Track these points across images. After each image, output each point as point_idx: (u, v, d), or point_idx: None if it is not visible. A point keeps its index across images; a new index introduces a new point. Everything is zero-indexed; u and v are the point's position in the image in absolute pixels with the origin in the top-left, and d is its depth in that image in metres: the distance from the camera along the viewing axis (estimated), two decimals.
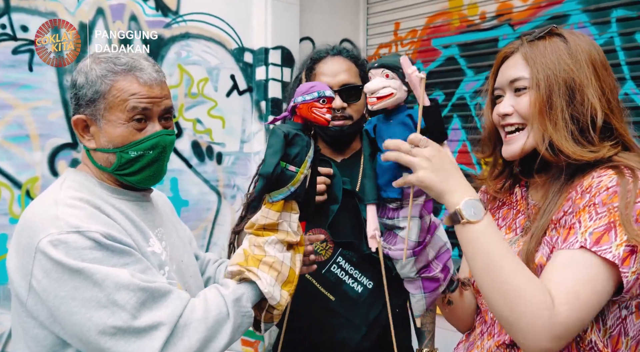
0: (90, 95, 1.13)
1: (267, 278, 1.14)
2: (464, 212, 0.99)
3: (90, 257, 1.01)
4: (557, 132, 1.06)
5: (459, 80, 3.34)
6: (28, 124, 2.41)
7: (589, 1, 2.87)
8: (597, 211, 0.98)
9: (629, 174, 1.01)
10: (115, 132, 1.14)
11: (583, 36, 1.14)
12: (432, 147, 1.04)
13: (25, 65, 2.39)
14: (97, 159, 1.18)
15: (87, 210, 1.08)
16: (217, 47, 3.05)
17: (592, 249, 0.94)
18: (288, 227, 1.20)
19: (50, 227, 1.03)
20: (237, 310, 1.11)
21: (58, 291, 1.01)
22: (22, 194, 2.39)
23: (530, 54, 1.12)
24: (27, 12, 2.40)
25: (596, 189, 1.01)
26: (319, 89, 1.21)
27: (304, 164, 1.19)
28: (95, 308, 1.00)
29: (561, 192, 1.09)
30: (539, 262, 1.06)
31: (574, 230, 0.99)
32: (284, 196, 1.19)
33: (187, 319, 1.05)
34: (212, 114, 3.04)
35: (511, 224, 1.22)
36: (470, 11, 3.29)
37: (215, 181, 3.06)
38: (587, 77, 1.08)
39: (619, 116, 1.10)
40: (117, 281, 1.00)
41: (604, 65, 1.11)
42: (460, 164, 3.33)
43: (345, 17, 3.69)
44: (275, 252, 1.18)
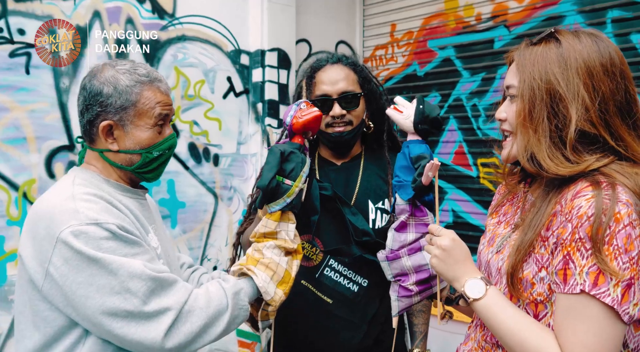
0: (120, 103, 1.26)
1: (263, 275, 1.29)
2: (468, 293, 1.12)
3: (107, 247, 1.13)
4: (538, 145, 1.05)
5: (455, 81, 3.35)
6: (25, 126, 2.43)
7: (584, 2, 2.88)
8: (585, 247, 0.96)
9: (607, 195, 0.96)
10: (143, 136, 1.28)
11: (589, 37, 1.07)
12: (445, 237, 1.18)
13: (22, 68, 2.41)
14: (117, 159, 1.30)
15: (102, 204, 1.20)
16: (213, 49, 3.06)
17: (591, 293, 0.95)
18: (285, 236, 1.36)
19: (71, 219, 1.14)
20: (235, 302, 1.25)
21: (76, 276, 1.12)
22: (19, 196, 2.41)
23: (522, 61, 1.09)
24: (24, 15, 2.42)
25: (577, 218, 0.97)
26: (294, 104, 1.40)
27: (299, 178, 1.33)
28: (109, 294, 1.12)
29: (549, 202, 1.07)
30: (526, 277, 1.06)
31: (570, 271, 0.98)
32: (280, 207, 1.34)
33: (191, 306, 1.18)
34: (208, 116, 3.06)
35: (510, 220, 1.22)
36: (466, 12, 3.30)
37: (212, 182, 3.07)
38: (573, 87, 1.03)
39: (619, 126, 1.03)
40: (131, 271, 1.13)
41: (608, 70, 1.04)
42: (457, 165, 3.34)
43: (342, 18, 3.70)
44: (272, 255, 1.33)
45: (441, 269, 1.17)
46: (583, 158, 1.03)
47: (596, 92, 1.03)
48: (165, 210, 2.88)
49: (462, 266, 1.15)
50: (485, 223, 1.34)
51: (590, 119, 1.02)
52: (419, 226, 1.33)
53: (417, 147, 1.33)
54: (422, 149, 1.33)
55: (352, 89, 1.64)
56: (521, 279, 1.06)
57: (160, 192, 2.86)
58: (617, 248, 0.94)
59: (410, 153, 1.33)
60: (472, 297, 1.11)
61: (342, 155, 1.73)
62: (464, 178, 3.30)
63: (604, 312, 0.95)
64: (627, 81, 1.06)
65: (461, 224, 3.31)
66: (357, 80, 1.67)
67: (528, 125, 1.06)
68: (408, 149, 1.34)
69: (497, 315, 1.07)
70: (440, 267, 1.17)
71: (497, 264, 1.15)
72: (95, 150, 1.30)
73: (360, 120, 1.67)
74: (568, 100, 1.02)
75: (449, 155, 3.38)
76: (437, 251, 1.18)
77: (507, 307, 1.08)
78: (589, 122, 1.02)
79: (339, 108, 1.61)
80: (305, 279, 1.62)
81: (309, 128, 1.40)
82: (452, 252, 1.16)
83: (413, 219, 1.33)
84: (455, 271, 1.15)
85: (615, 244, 0.94)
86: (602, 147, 1.04)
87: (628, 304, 0.94)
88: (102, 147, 1.29)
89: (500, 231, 1.22)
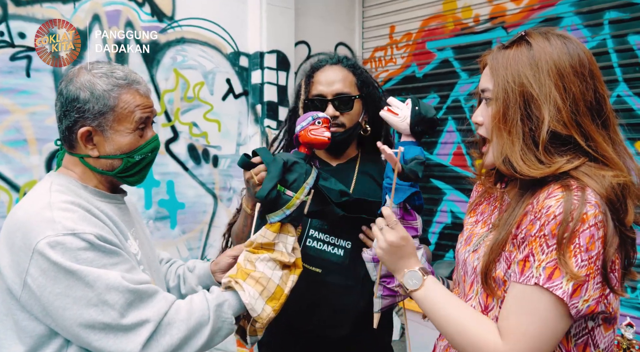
0: (98, 108, 1.22)
1: (251, 291, 1.24)
2: (405, 284, 1.18)
3: (84, 257, 1.10)
4: (511, 147, 1.06)
5: (454, 82, 3.36)
6: (25, 128, 2.46)
7: (581, 4, 2.88)
8: (547, 243, 0.99)
9: (577, 197, 0.98)
10: (124, 141, 1.24)
11: (558, 39, 1.08)
12: (396, 231, 1.22)
13: (22, 71, 2.44)
14: (98, 165, 1.26)
15: (80, 213, 1.16)
16: (212, 52, 3.08)
17: (544, 286, 0.98)
18: (283, 248, 1.30)
19: (47, 230, 1.10)
20: (217, 315, 1.20)
21: (53, 288, 1.09)
22: (20, 198, 2.44)
23: (495, 65, 1.10)
24: (25, 19, 2.45)
25: (545, 217, 0.99)
26: (312, 114, 1.33)
27: (301, 190, 1.28)
28: (86, 306, 1.09)
29: (522, 203, 1.08)
30: (498, 275, 1.08)
31: (529, 263, 1.01)
32: (279, 218, 1.28)
33: (172, 318, 1.15)
34: (208, 118, 3.08)
35: (487, 220, 1.24)
36: (464, 14, 3.31)
37: (212, 183, 3.10)
38: (545, 88, 1.04)
39: (589, 127, 1.05)
40: (108, 283, 1.10)
41: (578, 71, 1.05)
42: (455, 166, 3.35)
43: (341, 21, 3.72)
44: (264, 269, 1.28)
45: (385, 260, 1.23)
46: (554, 160, 1.04)
47: (567, 93, 1.04)
48: (165, 211, 2.91)
49: (406, 261, 1.21)
50: (464, 221, 1.35)
51: (562, 119, 1.03)
52: (408, 229, 1.33)
53: (412, 149, 1.32)
54: (417, 151, 1.32)
55: (347, 91, 1.63)
56: (494, 278, 1.08)
57: (159, 193, 2.89)
58: (579, 246, 0.96)
59: (404, 155, 1.32)
60: (410, 288, 1.16)
61: (335, 156, 1.72)
62: (462, 179, 3.31)
63: (553, 304, 0.98)
64: (596, 81, 1.07)
65: (459, 224, 3.32)
66: (354, 83, 1.65)
67: (502, 128, 1.07)
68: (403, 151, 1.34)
69: (435, 304, 1.12)
70: (385, 258, 1.23)
71: (472, 263, 1.17)
72: (75, 155, 1.26)
73: (354, 124, 1.65)
74: (540, 101, 1.04)
75: (448, 156, 3.39)
76: (384, 244, 1.22)
77: (445, 297, 1.13)
78: (561, 123, 1.03)
79: (332, 109, 1.61)
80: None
81: (314, 147, 1.36)
82: (399, 249, 1.21)
83: (403, 222, 1.34)
84: (397, 264, 1.21)
85: (577, 243, 0.96)
86: (573, 149, 1.05)
87: (578, 298, 0.97)
88: (82, 152, 1.25)
89: (478, 230, 1.24)
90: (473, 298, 1.15)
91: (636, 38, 2.73)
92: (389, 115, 1.35)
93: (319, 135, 1.31)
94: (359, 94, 1.65)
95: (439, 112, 3.43)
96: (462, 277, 1.22)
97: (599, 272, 0.98)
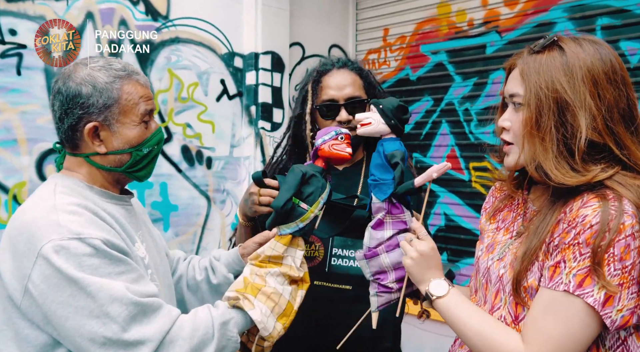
0: (103, 101, 1.18)
1: (263, 308, 1.20)
2: (432, 291, 1.18)
3: (89, 264, 1.05)
4: (544, 154, 1.05)
5: (448, 85, 3.37)
6: (16, 128, 2.39)
7: (574, 9, 2.92)
8: (581, 251, 0.98)
9: (614, 207, 0.98)
10: (131, 133, 1.22)
11: (590, 45, 1.07)
12: (427, 242, 1.22)
13: (13, 69, 2.38)
14: (105, 162, 1.23)
15: (86, 216, 1.12)
16: (207, 52, 3.05)
17: (575, 293, 0.97)
18: (292, 262, 1.27)
19: (52, 234, 1.06)
20: (222, 333, 1.15)
21: (56, 296, 1.04)
22: (9, 199, 2.37)
23: (526, 70, 1.08)
24: (16, 15, 2.39)
25: (581, 225, 0.99)
26: (335, 129, 1.34)
27: (316, 204, 1.27)
28: (88, 317, 1.04)
29: (554, 211, 1.07)
30: (531, 285, 1.07)
31: (559, 269, 1.00)
32: (291, 231, 1.26)
33: (174, 336, 1.10)
34: (202, 119, 3.04)
35: (509, 227, 1.23)
36: (459, 18, 3.33)
37: (205, 185, 3.06)
38: (580, 95, 1.03)
39: (623, 134, 1.04)
40: (111, 294, 1.05)
41: (610, 78, 1.04)
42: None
43: (335, 22, 3.71)
44: (275, 284, 1.23)
45: (413, 270, 1.22)
46: (589, 168, 1.03)
47: (602, 101, 1.03)
48: (158, 213, 2.86)
49: (433, 271, 1.20)
50: (481, 227, 1.34)
51: (597, 127, 1.02)
52: (396, 223, 1.32)
53: (391, 144, 1.32)
54: (396, 145, 1.32)
55: (358, 95, 1.64)
56: (526, 287, 1.07)
57: (152, 195, 2.83)
58: (613, 255, 0.96)
59: (384, 150, 1.33)
60: (436, 294, 1.16)
61: None
62: (456, 182, 3.32)
63: (584, 311, 0.97)
64: (627, 88, 1.07)
65: (453, 227, 3.33)
66: (362, 86, 1.67)
67: (535, 134, 1.06)
68: (382, 147, 1.34)
69: (459, 312, 1.12)
70: (413, 269, 1.21)
71: (497, 272, 1.16)
72: (79, 156, 1.23)
73: None
74: (576, 108, 1.02)
75: (441, 159, 3.40)
76: (414, 253, 1.21)
77: (468, 306, 1.13)
78: (597, 131, 1.02)
79: (345, 114, 1.61)
80: (317, 278, 1.57)
81: (332, 161, 1.36)
82: (428, 259, 1.20)
83: (390, 217, 1.32)
84: (424, 275, 1.20)
85: (612, 252, 0.96)
86: (607, 157, 1.04)
87: (611, 308, 0.96)
88: (87, 151, 1.22)
89: (500, 237, 1.23)
90: (502, 308, 1.13)
91: (628, 44, 2.77)
92: (365, 128, 1.34)
93: (341, 151, 1.31)
94: (367, 97, 1.66)
95: (433, 115, 3.44)
96: (484, 286, 1.21)
97: (634, 282, 0.97)
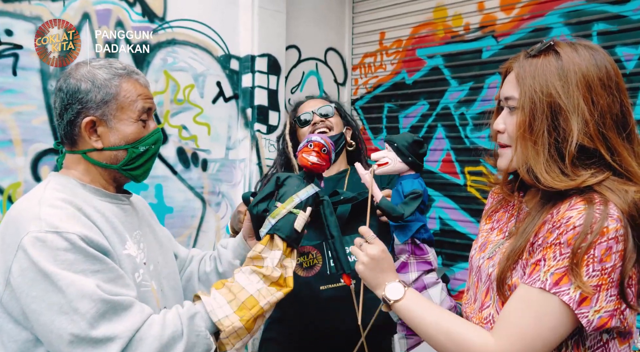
0: (101, 97, 1.21)
1: (218, 297, 1.20)
2: (388, 295, 1.18)
3: (63, 259, 1.05)
4: (536, 157, 1.06)
5: (444, 90, 3.38)
6: (11, 128, 2.38)
7: (570, 15, 2.93)
8: (561, 251, 0.99)
9: (599, 210, 0.98)
10: (128, 130, 1.24)
11: (586, 50, 1.08)
12: (376, 246, 1.24)
13: (9, 69, 2.37)
14: (102, 158, 1.25)
15: (68, 210, 1.13)
16: (203, 54, 3.04)
17: (550, 291, 0.98)
18: (269, 263, 1.25)
19: (30, 226, 1.08)
20: (190, 328, 1.14)
21: (30, 290, 1.05)
22: (4, 200, 2.36)
23: (522, 73, 1.09)
24: (12, 16, 2.38)
25: (564, 226, 1.00)
26: (308, 136, 1.40)
27: (289, 200, 1.28)
28: (58, 313, 1.04)
29: (542, 213, 1.08)
30: (514, 283, 1.08)
31: (538, 267, 1.01)
32: (267, 230, 1.28)
33: (144, 334, 1.09)
34: (197, 121, 3.04)
35: (503, 227, 1.24)
36: (455, 22, 3.34)
37: (200, 187, 3.05)
38: (574, 100, 1.04)
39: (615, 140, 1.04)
40: (81, 290, 1.04)
41: (605, 83, 1.05)
42: (444, 173, 3.37)
43: (331, 26, 3.71)
44: (240, 279, 1.23)
45: (366, 275, 1.23)
46: (579, 173, 1.04)
47: (595, 106, 1.04)
48: None
49: (387, 275, 1.22)
50: (479, 228, 1.35)
51: (589, 132, 1.03)
52: (420, 264, 1.34)
53: (410, 183, 1.35)
54: (415, 184, 1.34)
55: (331, 109, 1.99)
56: (510, 285, 1.08)
57: (147, 197, 2.82)
58: (593, 257, 0.97)
59: (403, 190, 1.34)
60: (392, 298, 1.17)
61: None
62: (451, 186, 3.33)
63: (558, 309, 0.98)
64: (622, 94, 1.08)
65: (448, 231, 3.34)
66: (336, 109, 2.03)
67: (528, 138, 1.07)
68: (401, 186, 1.36)
69: (418, 313, 1.13)
70: (366, 274, 1.23)
71: (487, 270, 1.17)
72: (77, 152, 1.25)
73: (339, 133, 1.91)
74: (569, 113, 1.03)
75: (437, 163, 3.41)
76: (365, 258, 1.23)
77: (428, 305, 1.15)
78: (588, 136, 1.03)
79: (317, 117, 1.93)
80: (323, 283, 1.66)
81: (304, 168, 1.37)
82: (380, 262, 1.22)
83: (414, 257, 1.35)
84: (378, 279, 1.22)
85: (592, 254, 0.97)
86: (598, 162, 1.05)
87: (588, 308, 0.97)
88: (85, 147, 1.24)
89: (493, 237, 1.24)
90: (490, 306, 1.14)
91: (624, 49, 2.78)
92: (383, 168, 1.37)
93: (306, 159, 1.35)
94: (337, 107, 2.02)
95: (429, 119, 3.45)
96: (476, 284, 1.22)
97: (613, 285, 0.98)
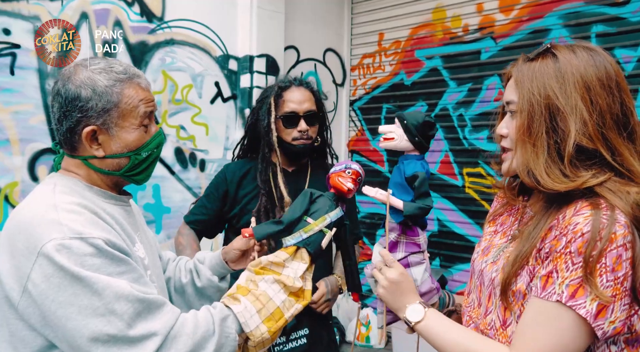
0: (102, 105, 1.16)
1: (248, 305, 1.19)
2: (409, 318, 1.18)
3: (90, 264, 1.04)
4: (535, 160, 1.05)
5: (442, 91, 3.38)
6: (8, 128, 2.38)
7: (569, 16, 2.93)
8: (573, 261, 0.97)
9: (606, 216, 0.97)
10: (130, 137, 1.20)
11: (584, 52, 1.07)
12: (395, 269, 1.24)
13: (6, 68, 2.36)
14: (103, 165, 1.21)
15: (86, 215, 1.11)
16: (201, 54, 3.04)
17: (567, 304, 0.96)
18: (292, 273, 1.26)
19: (53, 232, 1.04)
20: (222, 329, 1.15)
21: (57, 295, 1.02)
22: (0, 199, 2.35)
23: (520, 77, 1.09)
24: (10, 15, 2.38)
25: (572, 233, 0.98)
26: (346, 163, 1.42)
27: (321, 219, 1.31)
28: (92, 316, 1.02)
29: (548, 217, 1.07)
30: (519, 289, 1.06)
31: (552, 279, 0.99)
32: (295, 241, 1.29)
33: (178, 331, 1.09)
34: (195, 121, 3.03)
35: (507, 231, 1.22)
36: (454, 24, 3.34)
37: (198, 187, 3.05)
38: (571, 101, 1.03)
39: (615, 140, 1.03)
40: (117, 291, 1.04)
41: (604, 84, 1.04)
42: (442, 174, 3.37)
43: (330, 27, 3.71)
44: (266, 288, 1.23)
45: (387, 299, 1.24)
46: (579, 174, 1.03)
47: (594, 106, 1.03)
48: (150, 215, 2.85)
49: (407, 297, 1.22)
50: (483, 231, 1.34)
51: (588, 133, 1.02)
52: (409, 245, 1.31)
53: (412, 164, 1.30)
54: (418, 166, 1.30)
55: (314, 109, 1.96)
56: (514, 291, 1.07)
57: (145, 197, 2.82)
58: (605, 266, 0.95)
59: (405, 171, 1.31)
60: (413, 320, 1.17)
61: (294, 163, 2.02)
62: (449, 187, 3.32)
63: (574, 322, 0.96)
64: (622, 93, 1.06)
65: (446, 232, 3.33)
66: (315, 102, 1.99)
67: (527, 140, 1.06)
68: (403, 165, 1.32)
69: (439, 333, 1.13)
70: (387, 297, 1.24)
71: (490, 275, 1.16)
72: (77, 158, 1.21)
73: (316, 135, 2.00)
74: (567, 114, 1.03)
75: (435, 164, 3.41)
76: (385, 282, 1.24)
77: (449, 324, 1.14)
78: (587, 137, 1.02)
79: (304, 124, 1.92)
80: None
81: (334, 189, 1.40)
82: (399, 285, 1.22)
83: (405, 237, 1.32)
84: (399, 302, 1.22)
85: (604, 263, 0.95)
86: (599, 163, 1.04)
87: (604, 320, 0.95)
88: (85, 154, 1.20)
89: (497, 241, 1.23)
90: (492, 312, 1.13)
91: (622, 51, 2.78)
92: (387, 143, 1.33)
93: (343, 184, 1.37)
94: (318, 111, 2.00)
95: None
96: (478, 288, 1.21)
97: (626, 293, 0.96)
